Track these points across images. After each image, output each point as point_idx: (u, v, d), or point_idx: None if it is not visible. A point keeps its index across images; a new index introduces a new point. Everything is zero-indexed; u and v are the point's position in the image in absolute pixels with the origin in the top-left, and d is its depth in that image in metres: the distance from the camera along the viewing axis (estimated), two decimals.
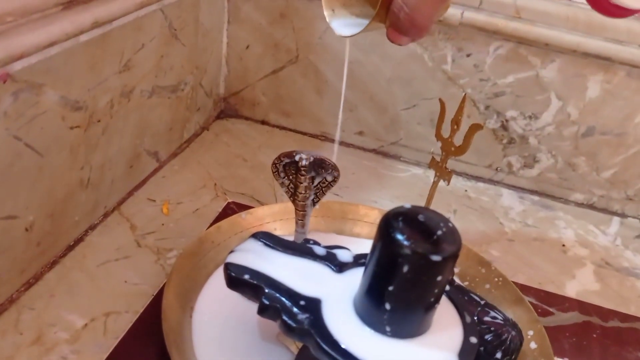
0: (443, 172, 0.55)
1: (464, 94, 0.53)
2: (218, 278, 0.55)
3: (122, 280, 0.55)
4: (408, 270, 0.36)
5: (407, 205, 0.39)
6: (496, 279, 0.58)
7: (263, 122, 0.86)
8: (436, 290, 0.38)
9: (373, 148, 0.84)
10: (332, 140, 0.84)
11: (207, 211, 0.66)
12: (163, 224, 0.63)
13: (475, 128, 0.51)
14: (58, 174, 0.53)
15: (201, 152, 0.77)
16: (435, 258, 0.36)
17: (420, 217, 0.38)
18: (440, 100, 0.55)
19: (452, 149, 0.54)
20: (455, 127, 0.53)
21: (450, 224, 0.38)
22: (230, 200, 0.68)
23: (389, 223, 0.37)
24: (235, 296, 0.53)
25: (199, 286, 0.54)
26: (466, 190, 0.78)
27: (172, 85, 0.69)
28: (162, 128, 0.70)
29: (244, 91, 0.85)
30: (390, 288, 0.37)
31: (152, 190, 0.68)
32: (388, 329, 0.39)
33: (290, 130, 0.85)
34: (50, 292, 0.52)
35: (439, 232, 0.37)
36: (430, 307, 0.39)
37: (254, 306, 0.42)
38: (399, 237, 0.36)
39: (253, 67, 0.83)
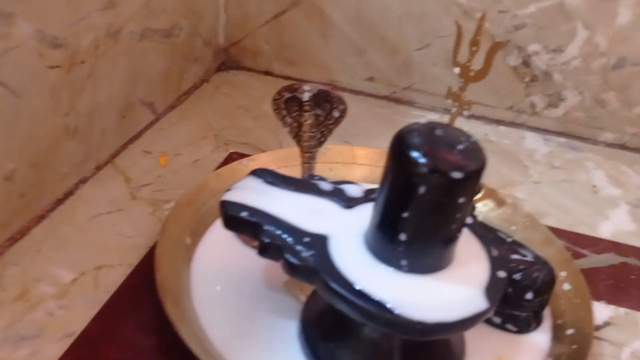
0: (462, 102, 0.50)
1: (482, 13, 0.48)
2: (219, 228, 0.51)
3: (115, 234, 0.51)
4: (425, 191, 0.32)
5: (423, 121, 0.34)
6: (523, 220, 0.53)
7: (267, 73, 0.81)
8: (458, 216, 0.33)
9: (385, 95, 0.78)
10: (342, 89, 0.79)
11: (207, 162, 0.61)
12: (160, 176, 0.58)
13: (496, 47, 0.45)
14: (39, 119, 0.48)
15: (201, 104, 0.72)
16: (457, 175, 0.31)
17: (438, 132, 0.33)
18: (457, 22, 0.49)
19: (471, 74, 0.48)
20: (475, 48, 0.47)
21: (472, 139, 0.33)
22: (232, 151, 0.64)
23: (402, 140, 0.32)
24: (238, 246, 0.49)
25: (197, 236, 0.50)
26: (487, 134, 0.73)
27: (164, 30, 0.64)
28: (156, 77, 0.65)
29: (245, 40, 0.79)
30: (405, 215, 0.33)
31: (148, 143, 0.63)
32: (404, 263, 0.34)
33: (296, 79, 0.80)
34: (37, 247, 0.48)
35: (460, 147, 0.32)
36: (452, 236, 0.34)
37: (256, 254, 0.38)
38: (414, 154, 0.31)
39: (253, 13, 0.77)
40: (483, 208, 0.55)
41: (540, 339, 0.45)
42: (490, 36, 0.70)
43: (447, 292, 0.34)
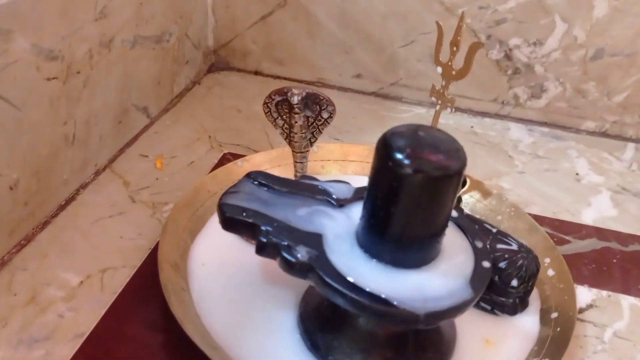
0: (445, 99, 0.52)
1: (461, 11, 0.50)
2: (214, 225, 0.53)
3: (117, 236, 0.53)
4: (410, 191, 0.34)
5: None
6: (508, 210, 0.56)
7: (256, 73, 0.83)
8: (442, 212, 0.35)
9: (372, 91, 0.80)
10: (330, 86, 0.81)
11: (202, 163, 0.63)
12: (157, 179, 0.60)
13: (475, 47, 0.48)
14: (39, 129, 0.50)
15: (194, 106, 0.74)
16: (439, 175, 0.33)
17: (421, 134, 0.35)
18: (437, 23, 0.51)
19: (453, 72, 0.50)
20: (455, 49, 0.49)
21: (453, 140, 0.35)
22: (226, 152, 0.66)
23: (387, 142, 0.35)
24: (234, 242, 0.51)
25: (195, 235, 0.52)
26: (472, 127, 0.75)
27: (155, 36, 0.66)
28: (149, 82, 0.67)
29: (234, 41, 0.81)
30: (393, 213, 0.35)
31: (144, 146, 0.65)
32: (393, 258, 0.36)
33: (285, 79, 0.82)
34: (43, 253, 0.50)
35: (441, 148, 0.34)
36: (437, 232, 0.37)
37: (253, 250, 0.40)
38: (399, 156, 0.34)
39: (241, 15, 0.79)
40: (470, 199, 0.57)
41: (526, 322, 0.47)
42: (472, 32, 0.72)
43: (434, 284, 0.36)
